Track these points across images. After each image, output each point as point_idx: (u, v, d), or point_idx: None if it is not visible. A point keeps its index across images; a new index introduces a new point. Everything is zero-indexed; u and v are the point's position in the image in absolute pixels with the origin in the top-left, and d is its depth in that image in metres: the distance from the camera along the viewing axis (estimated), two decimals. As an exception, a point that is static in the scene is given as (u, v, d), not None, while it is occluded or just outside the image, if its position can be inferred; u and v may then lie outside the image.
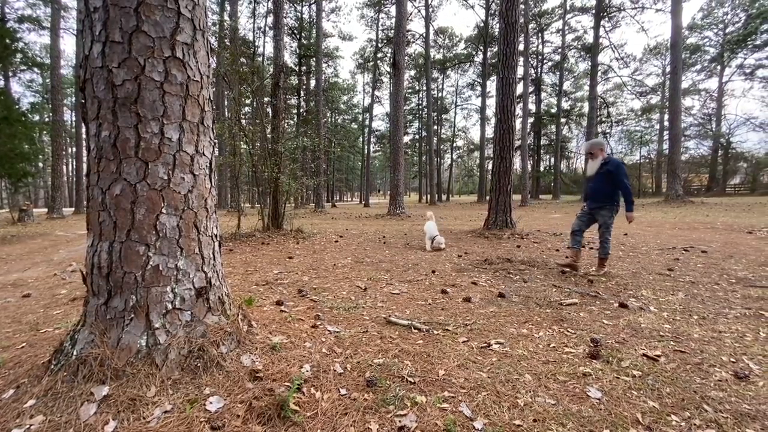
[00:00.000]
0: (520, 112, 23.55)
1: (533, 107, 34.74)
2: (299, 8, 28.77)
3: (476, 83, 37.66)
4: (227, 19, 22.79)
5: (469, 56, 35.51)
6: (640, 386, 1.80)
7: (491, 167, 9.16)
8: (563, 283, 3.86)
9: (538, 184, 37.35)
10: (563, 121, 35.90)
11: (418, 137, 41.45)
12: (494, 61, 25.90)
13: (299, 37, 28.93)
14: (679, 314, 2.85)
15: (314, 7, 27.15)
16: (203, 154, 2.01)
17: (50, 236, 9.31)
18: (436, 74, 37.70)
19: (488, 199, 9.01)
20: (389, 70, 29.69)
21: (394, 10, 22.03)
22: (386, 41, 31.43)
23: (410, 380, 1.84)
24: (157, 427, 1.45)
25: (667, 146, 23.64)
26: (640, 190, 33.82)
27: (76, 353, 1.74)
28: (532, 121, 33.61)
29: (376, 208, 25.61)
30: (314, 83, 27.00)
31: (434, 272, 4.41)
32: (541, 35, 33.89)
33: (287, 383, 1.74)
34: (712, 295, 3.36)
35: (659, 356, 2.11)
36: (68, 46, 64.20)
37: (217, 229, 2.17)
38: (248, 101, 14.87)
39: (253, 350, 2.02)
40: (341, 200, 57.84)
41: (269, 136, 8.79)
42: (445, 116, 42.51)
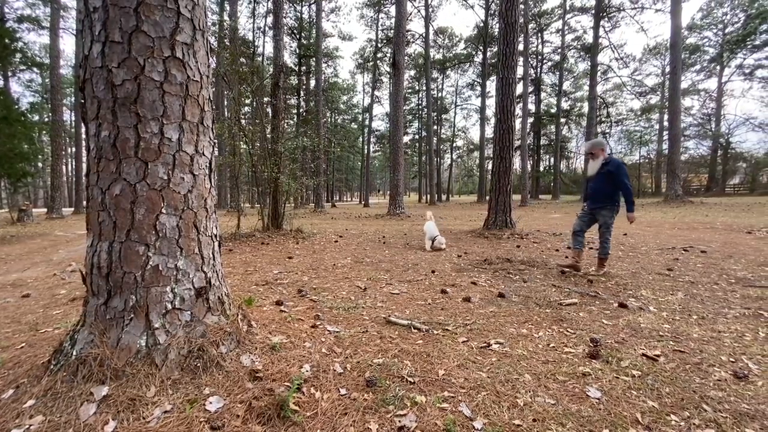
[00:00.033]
0: (519, 112, 23.58)
1: (533, 107, 34.76)
2: (299, 8, 28.78)
3: (476, 83, 37.67)
4: (227, 18, 22.80)
5: (468, 56, 35.52)
6: (639, 386, 1.81)
7: (491, 167, 9.18)
8: (563, 283, 3.87)
9: (537, 184, 37.37)
10: (563, 121, 35.92)
11: (417, 137, 41.46)
12: (494, 61, 25.91)
13: (299, 37, 28.93)
14: (678, 314, 2.85)
15: (314, 7, 27.16)
16: (203, 154, 2.01)
17: (50, 236, 9.31)
18: (435, 74, 37.70)
19: (488, 199, 9.02)
20: (389, 70, 29.72)
21: (393, 10, 22.07)
22: (386, 41, 31.43)
23: (410, 380, 1.85)
24: (156, 427, 1.44)
25: (666, 146, 23.70)
26: (639, 190, 33.86)
27: (75, 353, 1.74)
28: (531, 121, 33.63)
29: (375, 208, 25.62)
30: (314, 83, 27.00)
31: (434, 272, 4.41)
32: (540, 35, 33.92)
33: (287, 383, 1.74)
34: (711, 295, 3.36)
35: (659, 356, 2.11)
36: (68, 45, 64.18)
37: (216, 229, 2.17)
38: (248, 101, 14.88)
39: (252, 350, 2.02)
40: (341, 200, 57.83)
41: (269, 136, 8.79)
42: (444, 116, 42.50)
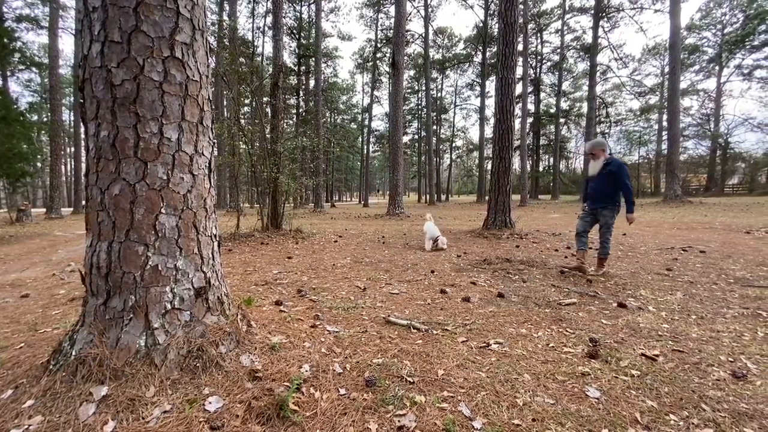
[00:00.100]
0: (519, 112, 23.58)
1: (532, 107, 34.76)
2: (298, 8, 28.78)
3: (475, 83, 37.66)
4: (226, 18, 22.79)
5: (468, 56, 35.52)
6: (638, 386, 1.81)
7: (490, 167, 9.18)
8: (562, 283, 3.87)
9: (537, 184, 37.39)
10: (562, 121, 35.93)
11: (417, 137, 41.46)
12: (493, 61, 25.93)
13: (298, 37, 28.93)
14: (677, 314, 2.86)
15: (313, 6, 27.15)
16: (202, 154, 2.01)
17: (49, 236, 9.29)
18: (435, 74, 37.69)
19: (487, 199, 9.02)
20: (388, 70, 29.74)
21: (393, 10, 22.09)
22: (385, 41, 31.42)
23: (409, 380, 1.85)
24: (156, 427, 1.44)
25: (665, 146, 23.74)
26: (638, 190, 33.91)
27: (74, 353, 1.73)
28: (531, 121, 33.64)
29: (375, 208, 25.62)
30: (313, 83, 27.01)
31: (433, 272, 4.42)
32: (540, 35, 33.94)
33: (286, 383, 1.74)
34: (710, 294, 3.37)
35: (658, 356, 2.11)
36: (67, 45, 64.01)
37: (216, 229, 2.17)
38: (247, 101, 14.87)
39: (252, 350, 2.02)
40: (340, 200, 57.82)
41: (268, 136, 8.78)
42: (444, 116, 42.49)
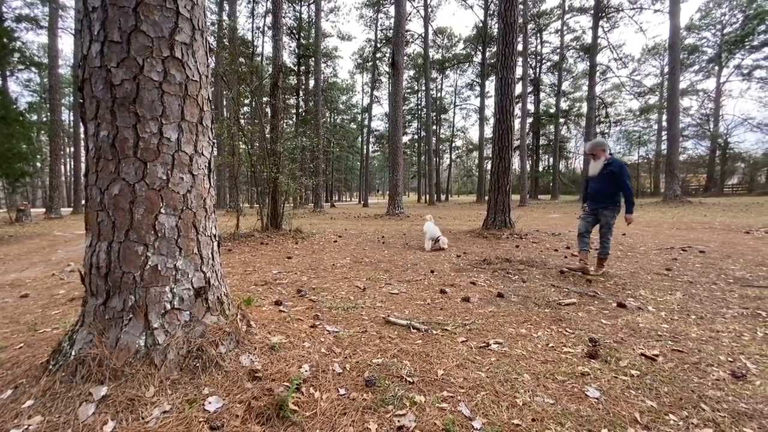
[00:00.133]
0: (518, 112, 23.59)
1: (532, 107, 34.77)
2: (298, 8, 28.76)
3: (475, 83, 37.67)
4: (226, 18, 22.79)
5: (467, 56, 35.52)
6: (638, 385, 1.81)
7: (490, 167, 9.18)
8: (562, 282, 3.87)
9: (536, 184, 37.41)
10: (562, 121, 35.94)
11: (417, 137, 41.47)
12: (493, 61, 25.92)
13: (298, 37, 28.92)
14: (677, 314, 2.86)
15: (313, 6, 27.14)
16: (202, 154, 2.01)
17: (48, 236, 9.28)
18: (435, 74, 37.68)
19: (487, 199, 9.03)
20: (388, 70, 29.73)
21: (393, 10, 22.09)
22: (385, 41, 31.42)
23: (409, 380, 1.85)
24: (155, 427, 1.44)
25: (665, 146, 23.76)
26: (638, 190, 33.90)
27: (74, 353, 1.73)
28: (530, 121, 33.64)
29: (375, 208, 25.62)
30: (313, 83, 27.01)
31: (433, 272, 4.42)
32: (539, 35, 33.95)
33: (286, 383, 1.74)
34: (709, 294, 3.37)
35: (657, 356, 2.11)
36: (66, 45, 63.98)
37: (215, 229, 2.17)
38: (247, 101, 14.88)
39: (252, 350, 2.02)
40: (340, 200, 57.80)
41: (268, 136, 8.78)
42: (444, 116, 42.49)
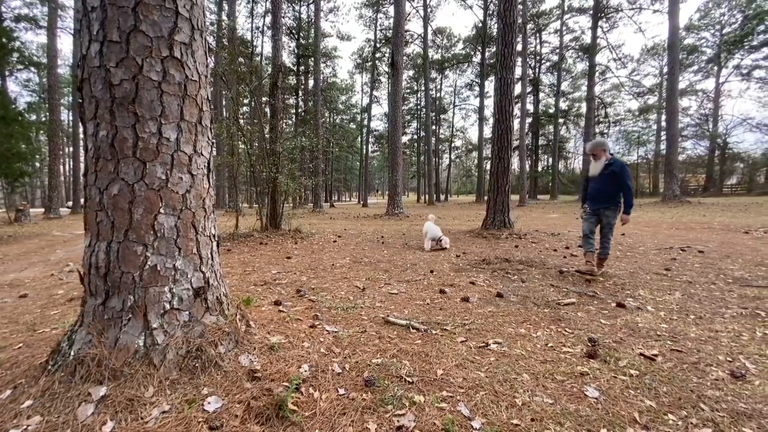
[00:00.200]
0: (518, 112, 23.60)
1: (531, 107, 34.79)
2: (297, 8, 28.76)
3: (474, 83, 37.68)
4: (225, 18, 22.79)
5: (467, 56, 35.52)
6: (637, 385, 1.81)
7: (489, 167, 9.18)
8: (561, 282, 3.88)
9: (536, 184, 37.43)
10: (561, 121, 35.95)
11: (416, 137, 41.44)
12: (492, 61, 25.96)
13: (297, 36, 28.92)
14: (676, 314, 2.86)
15: (312, 6, 27.13)
16: (201, 154, 2.01)
17: (47, 236, 9.27)
18: (434, 74, 37.68)
19: (486, 199, 9.03)
20: (387, 70, 29.71)
21: (392, 10, 22.09)
22: (385, 41, 31.42)
23: (408, 380, 1.85)
24: (155, 427, 1.44)
25: (664, 146, 23.80)
26: (637, 190, 33.96)
27: (73, 353, 1.73)
28: (530, 121, 33.69)
29: (374, 208, 25.62)
30: (312, 83, 26.99)
31: (432, 272, 4.42)
32: (539, 36, 33.98)
33: (286, 383, 1.74)
34: (708, 294, 3.38)
35: (656, 356, 2.12)
36: (65, 45, 64.05)
37: (215, 229, 2.17)
38: (246, 101, 14.87)
39: (251, 350, 2.02)
40: (339, 200, 57.80)
41: (267, 136, 8.77)
42: (443, 116, 42.49)
